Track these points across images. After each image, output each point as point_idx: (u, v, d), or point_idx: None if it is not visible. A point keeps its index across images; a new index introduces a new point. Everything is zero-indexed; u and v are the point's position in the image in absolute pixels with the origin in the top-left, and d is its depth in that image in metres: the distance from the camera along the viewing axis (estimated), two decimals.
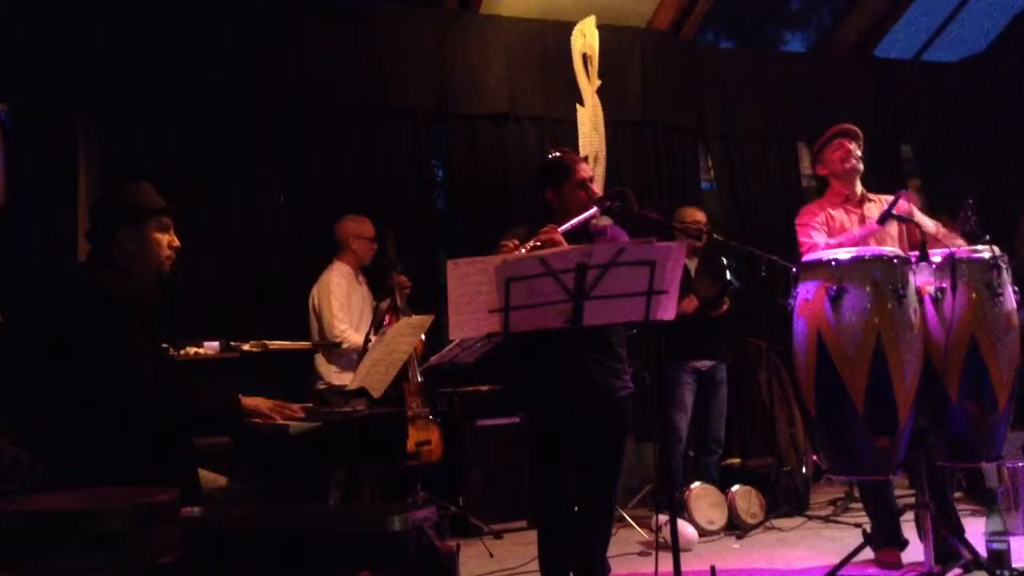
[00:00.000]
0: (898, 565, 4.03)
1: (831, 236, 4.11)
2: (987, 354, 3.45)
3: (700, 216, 5.67)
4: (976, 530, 3.91)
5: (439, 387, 5.43)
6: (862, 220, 4.17)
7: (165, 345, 3.73)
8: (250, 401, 2.98)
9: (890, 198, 4.03)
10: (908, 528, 4.07)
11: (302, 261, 5.57)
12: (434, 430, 5.02)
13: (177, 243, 3.02)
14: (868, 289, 3.39)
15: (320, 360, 5.15)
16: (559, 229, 3.31)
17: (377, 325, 4.74)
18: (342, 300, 5.12)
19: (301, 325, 5.19)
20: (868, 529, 4.08)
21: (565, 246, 3.21)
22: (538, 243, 3.24)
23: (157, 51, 5.39)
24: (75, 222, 5.08)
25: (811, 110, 7.09)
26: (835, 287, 3.41)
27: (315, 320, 5.16)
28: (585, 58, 6.31)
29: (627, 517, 5.15)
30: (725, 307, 5.32)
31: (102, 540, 2.00)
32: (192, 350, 4.73)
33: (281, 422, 2.97)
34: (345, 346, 5.02)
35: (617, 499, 3.79)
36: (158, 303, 2.99)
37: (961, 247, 3.71)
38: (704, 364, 5.47)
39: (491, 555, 4.76)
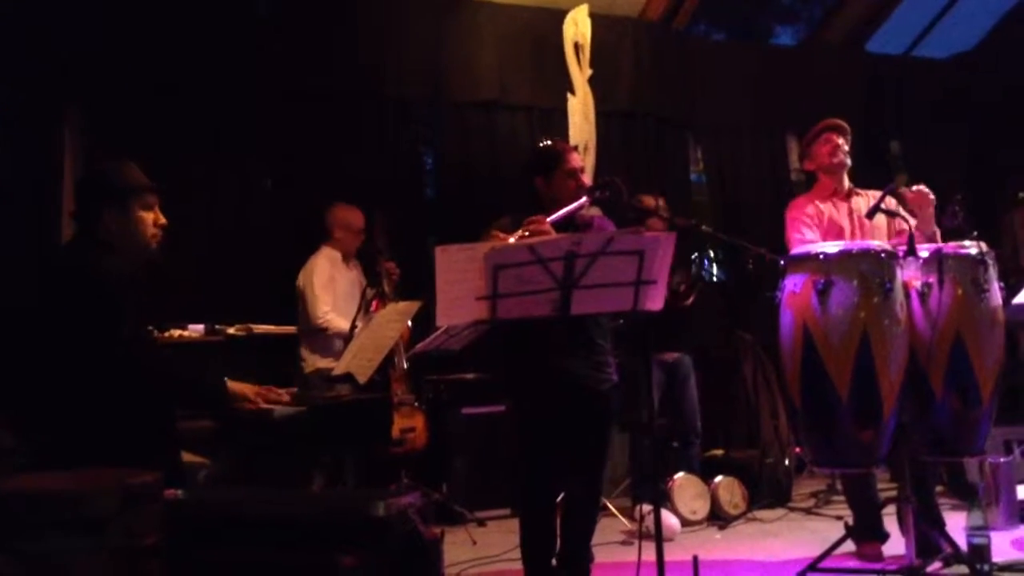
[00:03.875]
0: (879, 558, 4.05)
1: (821, 230, 4.12)
2: (972, 350, 3.46)
3: (652, 202, 5.56)
4: (957, 524, 3.93)
5: (425, 374, 5.42)
6: (850, 214, 4.18)
7: (150, 327, 3.70)
8: (235, 387, 2.96)
9: (878, 194, 4.03)
10: (889, 521, 4.09)
11: (289, 246, 5.53)
12: (419, 417, 5.02)
13: (163, 220, 2.98)
14: (855, 283, 3.39)
15: (305, 345, 5.13)
16: (548, 219, 3.30)
17: (364, 310, 4.74)
18: (324, 282, 5.08)
19: (286, 310, 5.16)
20: (850, 521, 4.10)
21: (554, 236, 3.20)
22: (526, 233, 3.22)
23: (147, 31, 5.33)
24: (59, 200, 5.04)
25: (801, 104, 7.06)
26: (822, 280, 3.41)
27: (300, 303, 5.14)
28: (577, 47, 6.28)
29: (610, 506, 5.16)
30: (691, 300, 5.28)
31: (85, 521, 1.99)
32: (176, 332, 4.71)
33: (265, 406, 2.96)
34: (330, 331, 4.99)
35: (602, 489, 3.79)
36: (146, 283, 2.96)
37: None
38: (669, 356, 5.42)
39: (474, 542, 4.76)
